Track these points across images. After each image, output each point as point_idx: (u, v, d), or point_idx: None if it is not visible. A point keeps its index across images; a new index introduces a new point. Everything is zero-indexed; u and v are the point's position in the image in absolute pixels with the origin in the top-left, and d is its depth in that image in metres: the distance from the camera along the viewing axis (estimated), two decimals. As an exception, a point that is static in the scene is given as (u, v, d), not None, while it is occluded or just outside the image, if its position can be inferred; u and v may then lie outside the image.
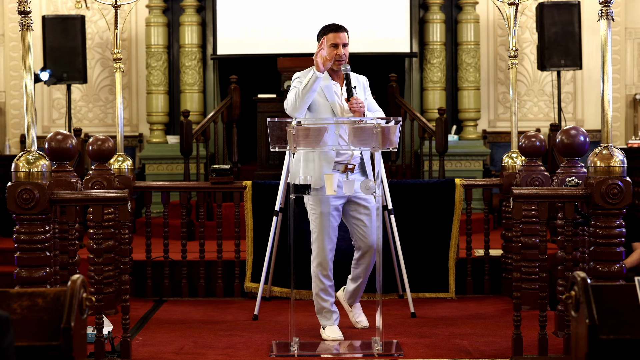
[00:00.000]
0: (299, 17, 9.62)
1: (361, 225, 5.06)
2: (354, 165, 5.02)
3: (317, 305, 5.13)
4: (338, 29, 5.06)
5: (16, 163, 4.41)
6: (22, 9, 4.39)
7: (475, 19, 9.74)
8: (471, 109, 9.73)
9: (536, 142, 5.97)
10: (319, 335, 5.18)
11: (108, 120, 10.09)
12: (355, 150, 4.94)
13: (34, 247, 4.40)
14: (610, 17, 4.37)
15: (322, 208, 5.02)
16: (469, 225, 6.52)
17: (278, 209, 5.91)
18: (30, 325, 3.14)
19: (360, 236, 5.09)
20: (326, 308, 5.11)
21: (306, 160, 5.01)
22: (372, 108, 5.16)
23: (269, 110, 7.81)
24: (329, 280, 5.10)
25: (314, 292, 5.12)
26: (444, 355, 4.72)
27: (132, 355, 4.63)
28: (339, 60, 5.03)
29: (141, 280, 6.48)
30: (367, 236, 5.07)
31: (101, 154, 5.88)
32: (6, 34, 10.12)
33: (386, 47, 9.62)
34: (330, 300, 5.12)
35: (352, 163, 5.01)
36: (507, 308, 5.85)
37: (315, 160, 4.99)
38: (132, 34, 10.09)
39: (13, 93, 10.14)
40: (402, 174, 8.77)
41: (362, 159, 5.08)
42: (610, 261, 4.41)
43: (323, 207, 5.01)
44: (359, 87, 5.12)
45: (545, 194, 4.60)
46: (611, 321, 3.21)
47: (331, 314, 5.12)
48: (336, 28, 5.07)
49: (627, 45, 10.21)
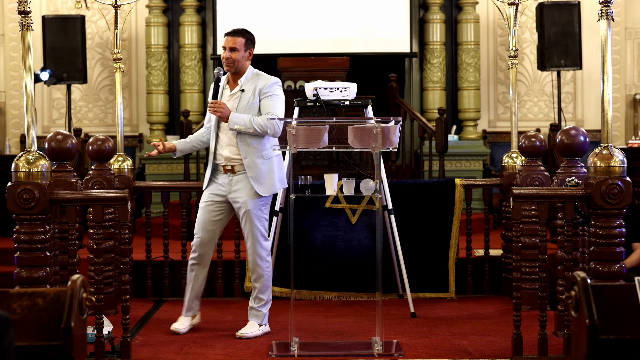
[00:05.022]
0: (299, 17, 9.62)
1: (241, 225, 5.20)
2: (232, 167, 5.09)
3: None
4: (228, 34, 5.17)
5: (16, 163, 4.40)
6: (22, 9, 4.39)
7: (475, 19, 9.74)
8: (471, 109, 9.73)
9: (536, 142, 5.97)
10: (319, 336, 5.19)
11: (108, 120, 10.08)
12: (230, 153, 5.09)
13: (34, 247, 4.40)
14: (610, 17, 4.37)
15: (201, 201, 5.27)
16: (469, 225, 6.52)
17: (278, 209, 5.91)
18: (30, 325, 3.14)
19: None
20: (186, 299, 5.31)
21: (209, 160, 5.22)
22: (263, 110, 5.10)
23: (269, 110, 7.79)
24: (192, 269, 5.29)
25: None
26: (444, 355, 4.72)
27: (132, 355, 4.63)
28: (227, 64, 5.11)
29: (141, 280, 6.48)
30: (244, 237, 5.18)
31: (101, 154, 5.87)
32: (6, 34, 10.12)
33: (386, 47, 9.62)
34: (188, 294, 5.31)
35: (230, 165, 5.10)
36: (507, 308, 5.85)
37: (210, 161, 5.20)
38: (132, 34, 10.09)
39: (13, 93, 10.14)
40: (402, 174, 8.77)
41: (257, 163, 5.07)
42: (610, 261, 4.40)
43: (201, 200, 5.27)
44: (249, 91, 5.10)
45: (545, 194, 4.60)
46: (611, 321, 3.20)
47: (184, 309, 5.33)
48: (228, 33, 5.19)
49: (627, 45, 10.21)
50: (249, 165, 5.06)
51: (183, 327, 5.27)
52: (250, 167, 5.06)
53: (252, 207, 5.08)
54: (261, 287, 5.19)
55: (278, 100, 5.11)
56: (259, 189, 5.06)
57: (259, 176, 5.06)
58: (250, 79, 5.12)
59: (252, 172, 5.06)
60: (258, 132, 5.00)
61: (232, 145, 5.09)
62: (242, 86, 5.11)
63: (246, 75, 5.13)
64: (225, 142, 5.12)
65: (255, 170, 5.06)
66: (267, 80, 5.11)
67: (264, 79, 5.12)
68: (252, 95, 5.08)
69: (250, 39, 5.17)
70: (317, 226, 6.31)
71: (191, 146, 5.34)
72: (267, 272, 5.19)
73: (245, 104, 5.07)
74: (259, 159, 5.07)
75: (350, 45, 9.57)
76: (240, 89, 5.11)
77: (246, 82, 5.11)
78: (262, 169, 5.07)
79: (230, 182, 5.12)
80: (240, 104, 5.08)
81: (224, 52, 5.10)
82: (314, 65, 7.96)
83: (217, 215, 5.21)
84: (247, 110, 5.05)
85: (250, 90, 5.09)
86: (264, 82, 5.10)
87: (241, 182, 5.10)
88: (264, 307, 5.23)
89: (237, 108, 5.07)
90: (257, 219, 5.10)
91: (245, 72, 5.14)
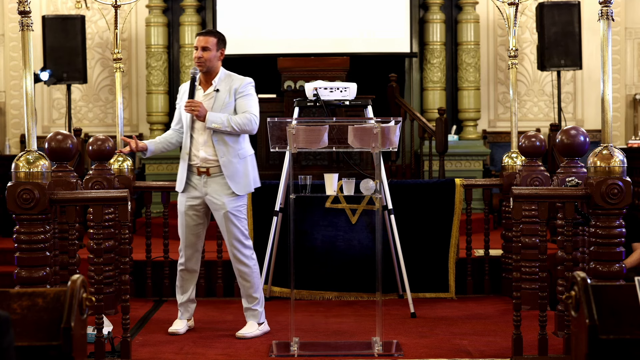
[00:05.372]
0: (299, 17, 9.62)
1: (219, 228, 5.20)
2: (207, 168, 5.11)
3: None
4: (200, 33, 5.22)
5: (16, 163, 4.40)
6: (22, 9, 4.39)
7: (475, 19, 9.74)
8: (471, 109, 9.73)
9: (536, 142, 5.97)
10: (319, 335, 5.19)
11: (108, 120, 10.09)
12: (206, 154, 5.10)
13: (34, 247, 4.40)
14: (610, 17, 4.37)
15: (179, 207, 5.25)
16: (469, 225, 6.52)
17: (278, 209, 5.91)
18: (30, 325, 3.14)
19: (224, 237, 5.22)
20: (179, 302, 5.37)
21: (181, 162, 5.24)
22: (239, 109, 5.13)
23: (269, 111, 7.78)
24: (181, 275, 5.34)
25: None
26: (444, 355, 4.72)
27: (132, 355, 4.63)
28: (198, 63, 5.13)
29: (141, 280, 6.49)
30: (225, 239, 5.19)
31: (101, 154, 5.88)
32: (6, 34, 10.12)
33: (386, 47, 9.62)
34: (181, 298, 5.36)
35: (205, 166, 5.11)
36: (507, 308, 5.85)
37: (183, 162, 5.20)
38: (132, 34, 10.09)
39: (13, 93, 10.14)
40: (402, 174, 8.77)
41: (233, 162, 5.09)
42: (610, 261, 4.40)
43: (179, 206, 5.25)
44: (224, 91, 5.13)
45: (545, 194, 4.60)
46: (611, 321, 3.20)
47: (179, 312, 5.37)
48: (199, 33, 5.24)
49: (627, 45, 10.21)
50: (226, 165, 5.09)
51: (182, 327, 5.28)
52: (226, 166, 5.09)
53: (231, 207, 5.11)
54: (252, 286, 5.21)
55: (253, 99, 5.18)
56: (235, 188, 5.09)
57: (235, 175, 5.10)
58: (224, 79, 5.17)
59: (228, 171, 5.09)
60: (236, 130, 5.05)
61: (208, 146, 5.11)
62: (216, 86, 5.15)
63: (219, 76, 5.17)
64: (200, 143, 5.13)
65: (232, 169, 5.09)
66: (241, 81, 5.17)
67: (238, 80, 5.18)
68: (228, 95, 5.12)
69: (222, 40, 5.21)
70: (317, 226, 6.31)
71: (161, 147, 5.33)
72: (255, 270, 5.23)
73: (221, 104, 5.11)
74: (235, 158, 5.11)
75: (350, 45, 9.57)
76: (215, 89, 5.14)
77: (220, 82, 5.16)
78: (238, 168, 5.12)
79: (205, 183, 5.15)
80: (216, 103, 5.12)
81: (196, 51, 5.14)
82: (314, 65, 7.96)
83: (198, 219, 5.25)
84: (223, 110, 5.09)
85: (225, 91, 5.13)
86: (239, 82, 5.15)
87: (216, 183, 5.12)
88: (259, 306, 5.24)
89: (212, 108, 5.11)
90: (237, 220, 5.13)
91: (217, 72, 5.18)
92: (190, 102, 5.04)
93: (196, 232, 5.25)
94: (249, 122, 5.05)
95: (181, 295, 5.36)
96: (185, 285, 5.34)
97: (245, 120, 5.05)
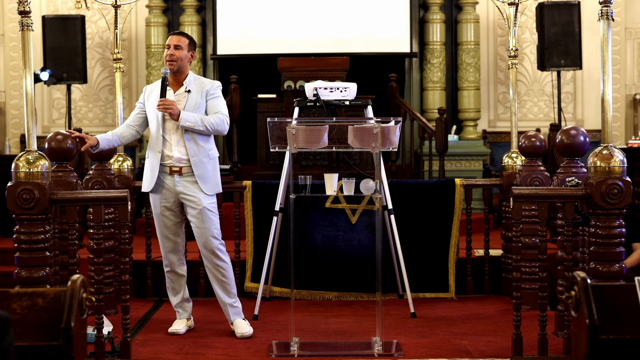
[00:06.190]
0: (299, 17, 9.62)
1: (194, 226, 5.18)
2: (180, 168, 5.11)
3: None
4: (173, 33, 5.27)
5: (16, 163, 4.41)
6: (22, 9, 4.39)
7: (475, 19, 9.74)
8: (471, 109, 9.73)
9: (536, 142, 5.98)
10: (319, 335, 5.19)
11: (108, 120, 10.09)
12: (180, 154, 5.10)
13: (34, 247, 4.40)
14: (610, 17, 4.37)
15: (154, 209, 5.25)
16: (469, 225, 6.52)
17: (278, 209, 5.91)
18: (30, 325, 3.14)
19: (196, 237, 5.21)
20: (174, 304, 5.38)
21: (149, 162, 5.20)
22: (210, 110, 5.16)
23: (269, 110, 7.80)
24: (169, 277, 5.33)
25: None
26: (444, 355, 4.72)
27: (132, 355, 4.63)
28: (169, 61, 5.15)
29: (141, 280, 6.48)
30: (199, 237, 5.18)
31: (101, 154, 5.87)
32: (6, 34, 10.12)
33: (386, 47, 9.62)
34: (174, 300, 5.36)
35: (177, 166, 5.11)
36: (507, 308, 5.85)
37: (152, 163, 5.17)
38: (132, 34, 10.09)
39: (13, 93, 10.14)
40: (402, 174, 8.77)
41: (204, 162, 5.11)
42: (610, 261, 4.40)
43: (154, 209, 5.24)
44: (196, 92, 5.16)
45: (545, 194, 4.60)
46: (611, 321, 3.20)
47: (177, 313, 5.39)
48: (172, 32, 5.29)
49: (627, 45, 10.21)
50: (196, 164, 5.11)
51: (182, 327, 5.28)
52: (197, 165, 5.11)
53: (207, 204, 5.15)
54: (229, 282, 5.25)
55: (223, 101, 5.25)
56: (205, 187, 5.13)
57: (205, 175, 5.14)
58: (194, 81, 5.22)
59: (199, 170, 5.11)
60: (209, 130, 5.08)
61: (181, 145, 5.13)
62: (187, 87, 5.18)
63: (189, 77, 5.21)
64: (173, 143, 5.14)
65: (202, 169, 5.12)
66: (212, 83, 5.24)
67: (208, 82, 5.25)
68: (200, 96, 5.17)
69: (193, 43, 5.27)
70: (317, 226, 6.32)
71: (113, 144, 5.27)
72: (230, 265, 5.28)
73: (193, 104, 5.14)
74: (206, 158, 5.15)
75: (350, 45, 9.57)
76: (186, 90, 5.17)
77: (190, 83, 5.20)
78: (208, 168, 5.16)
79: (177, 182, 5.15)
80: (188, 103, 5.14)
81: (168, 49, 5.17)
82: (314, 65, 7.96)
83: (175, 218, 5.26)
84: (195, 111, 5.13)
85: (197, 92, 5.17)
86: (210, 84, 5.22)
87: (188, 182, 5.14)
88: (238, 301, 5.30)
89: (185, 108, 5.14)
90: (213, 215, 5.18)
91: (186, 73, 5.22)
92: (163, 101, 5.05)
93: (175, 231, 5.28)
94: (222, 122, 5.11)
95: (174, 297, 5.37)
96: (176, 287, 5.36)
97: (218, 120, 5.10)
